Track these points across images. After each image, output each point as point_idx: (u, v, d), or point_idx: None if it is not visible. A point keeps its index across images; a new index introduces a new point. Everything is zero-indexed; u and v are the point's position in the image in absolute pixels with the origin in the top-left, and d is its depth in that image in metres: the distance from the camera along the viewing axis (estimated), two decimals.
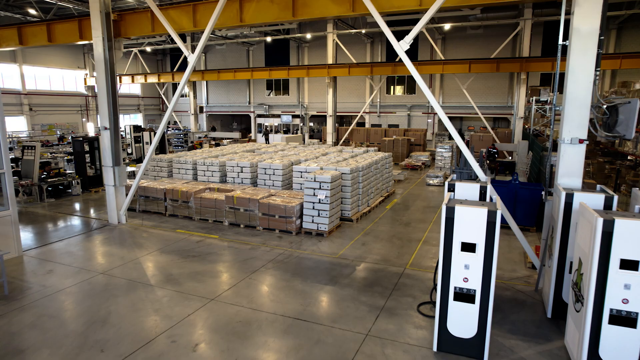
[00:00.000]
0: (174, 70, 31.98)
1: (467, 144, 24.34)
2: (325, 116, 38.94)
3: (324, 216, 10.67)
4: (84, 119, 35.19)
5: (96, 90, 18.40)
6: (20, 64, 30.50)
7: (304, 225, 10.96)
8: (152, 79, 31.59)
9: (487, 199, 6.34)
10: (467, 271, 5.28)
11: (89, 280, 8.09)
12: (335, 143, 26.92)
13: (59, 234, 11.00)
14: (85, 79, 35.00)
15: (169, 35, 31.70)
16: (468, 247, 5.25)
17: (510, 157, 22.20)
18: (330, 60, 25.56)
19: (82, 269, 8.62)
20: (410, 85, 32.97)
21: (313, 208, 10.76)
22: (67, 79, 34.19)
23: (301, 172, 12.55)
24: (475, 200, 5.93)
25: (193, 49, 35.98)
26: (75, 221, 12.28)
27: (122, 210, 11.85)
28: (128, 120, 39.88)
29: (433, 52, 30.94)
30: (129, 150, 24.35)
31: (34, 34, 12.66)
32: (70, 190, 16.05)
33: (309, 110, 36.38)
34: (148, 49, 37.86)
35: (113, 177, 11.61)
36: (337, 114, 30.08)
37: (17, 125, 30.90)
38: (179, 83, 38.24)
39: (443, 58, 24.01)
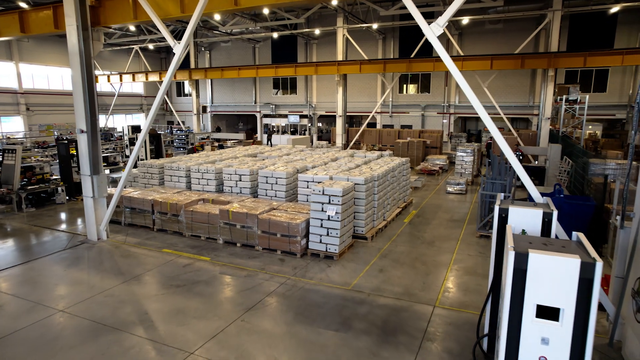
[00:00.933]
0: (167, 64, 30.63)
1: (489, 146, 22.57)
2: (334, 116, 37.30)
3: (333, 235, 9.04)
4: None
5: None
6: (16, 61, 29.28)
7: (310, 245, 9.35)
8: (154, 78, 30.20)
9: (553, 233, 4.67)
10: (545, 347, 3.62)
11: (43, 321, 6.54)
12: (345, 145, 25.29)
13: (27, 254, 9.50)
14: None
15: (172, 30, 30.03)
16: (548, 313, 3.58)
17: (536, 162, 20.37)
18: (340, 57, 23.94)
19: (38, 304, 7.08)
20: (424, 84, 31.18)
21: (321, 226, 9.14)
22: (67, 78, 32.93)
23: (308, 181, 10.93)
24: (559, 241, 4.23)
25: (199, 46, 34.63)
26: (51, 237, 10.78)
27: (102, 225, 10.34)
28: (130, 121, 38.59)
29: (449, 48, 29.13)
30: (127, 152, 22.98)
31: (6, 25, 11.18)
32: (54, 198, 14.60)
33: (317, 110, 34.77)
34: (150, 46, 36.50)
35: (91, 188, 10.09)
36: (347, 114, 28.53)
37: (14, 125, 29.69)
38: (182, 82, 36.84)
39: (462, 54, 22.28)
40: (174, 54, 8.86)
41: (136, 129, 25.06)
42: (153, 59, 39.62)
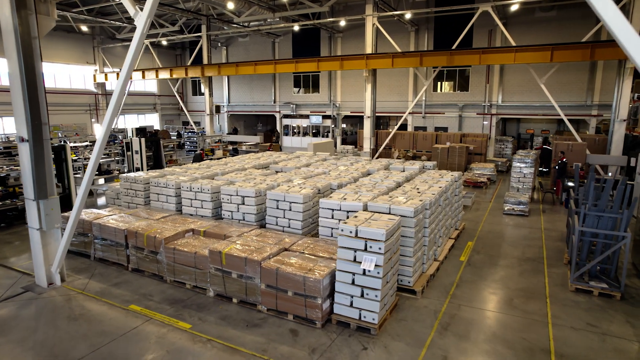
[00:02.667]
0: (188, 63, 28.13)
1: (546, 154, 19.12)
2: (360, 117, 34.22)
3: (371, 298, 6.07)
4: (93, 120, 31.91)
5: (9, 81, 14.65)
6: None
7: (336, 309, 6.39)
8: (164, 75, 27.80)
9: None
10: None
11: None
12: (374, 150, 22.21)
13: None
14: (94, 75, 31.67)
15: (186, 24, 27.97)
16: None
17: (609, 174, 16.82)
18: (369, 50, 20.88)
19: None
20: (462, 81, 27.77)
21: (353, 283, 6.18)
22: (75, 76, 30.93)
23: (333, 209, 7.96)
24: None
25: (215, 42, 32.05)
26: None
27: (54, 266, 7.64)
28: (143, 121, 36.48)
29: (492, 39, 25.70)
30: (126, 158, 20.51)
31: None
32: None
33: (341, 110, 31.76)
34: (164, 41, 34.22)
35: (38, 217, 7.39)
36: (376, 114, 25.28)
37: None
38: (196, 78, 34.46)
39: (514, 44, 18.86)
40: (137, 26, 6.06)
41: (141, 131, 22.67)
42: (167, 56, 37.39)
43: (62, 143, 14.31)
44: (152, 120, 37.32)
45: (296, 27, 29.07)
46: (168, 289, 7.64)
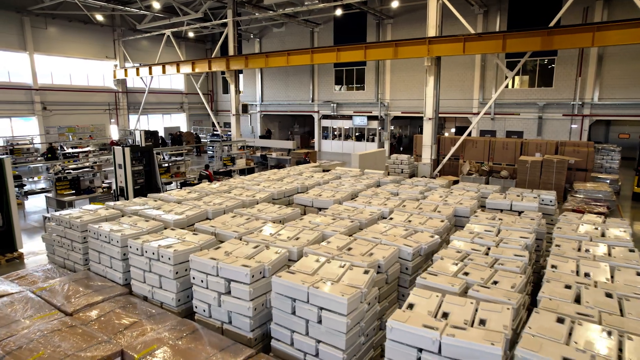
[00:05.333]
0: (212, 56, 24.38)
1: None
2: (412, 118, 29.33)
3: None
4: (112, 120, 28.88)
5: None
6: (30, 52, 24.55)
7: None
8: (186, 69, 24.14)
9: None
10: None
11: None
12: (435, 161, 17.38)
13: None
14: (114, 71, 28.61)
15: (214, 13, 23.91)
16: None
17: None
18: (432, 32, 16.09)
19: None
20: (543, 75, 22.32)
21: None
22: (93, 72, 27.96)
23: (421, 351, 3.41)
24: None
25: (247, 33, 28.09)
26: None
27: None
28: (169, 122, 33.27)
29: (587, 16, 20.13)
30: (121, 174, 16.76)
31: None
32: None
33: (390, 109, 27.00)
34: (190, 33, 30.80)
35: None
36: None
37: (28, 128, 25.05)
38: (221, 72, 30.87)
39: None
40: None
41: (151, 135, 18.95)
42: (195, 50, 33.98)
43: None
44: (179, 121, 34.05)
45: (338, 12, 24.70)
46: None
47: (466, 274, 4.26)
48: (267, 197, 8.00)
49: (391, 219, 6.49)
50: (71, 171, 12.17)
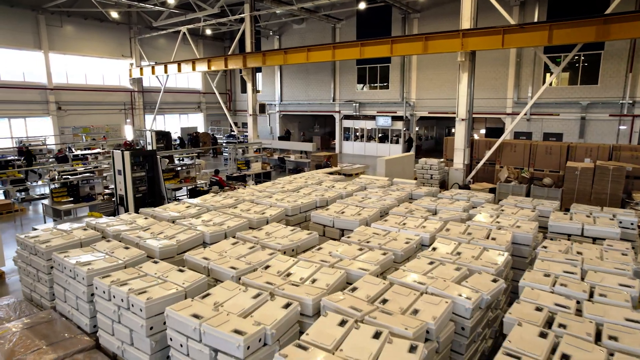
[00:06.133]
0: (229, 53, 23.27)
1: None
2: (439, 119, 27.67)
3: None
4: (127, 120, 28.16)
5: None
6: (45, 50, 23.95)
7: None
8: (202, 67, 23.12)
9: None
10: None
11: None
12: (468, 167, 15.80)
13: None
14: (130, 70, 27.88)
15: (232, 10, 22.83)
16: None
17: None
18: (466, 24, 14.52)
19: None
20: (587, 71, 20.37)
21: None
22: (108, 71, 27.27)
23: None
24: None
25: (266, 30, 26.86)
26: None
27: None
28: (186, 122, 32.44)
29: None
30: (120, 180, 15.73)
31: None
32: None
33: (416, 109, 25.40)
34: (208, 30, 29.86)
35: None
36: (455, 114, 18.21)
37: (42, 128, 24.49)
38: (239, 71, 29.88)
39: None
40: None
41: (163, 136, 17.96)
42: (213, 48, 33.04)
43: None
44: (196, 121, 33.18)
45: (362, 6, 23.27)
46: None
47: (566, 358, 2.83)
48: (279, 214, 6.68)
49: (434, 249, 5.08)
50: (69, 177, 11.12)
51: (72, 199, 10.93)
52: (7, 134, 23.23)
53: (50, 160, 19.98)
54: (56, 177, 10.71)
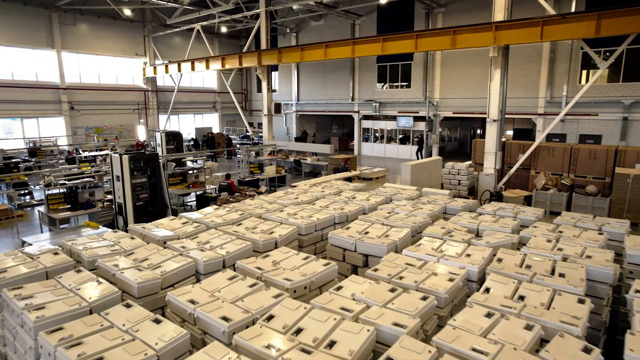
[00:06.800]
0: (243, 50, 22.36)
1: None
2: (463, 118, 26.25)
3: None
4: (141, 120, 27.55)
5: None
6: (58, 49, 23.46)
7: None
8: (216, 65, 22.27)
9: None
10: None
11: None
12: (500, 172, 14.49)
13: None
14: (144, 68, 27.26)
15: (248, 6, 21.76)
16: None
17: None
18: (499, 16, 13.21)
19: None
20: (631, 67, 18.72)
21: None
22: (122, 70, 26.69)
23: None
24: None
25: (282, 27, 25.88)
26: None
27: None
28: (200, 122, 31.73)
29: None
30: (119, 185, 14.87)
31: None
32: None
33: (440, 109, 24.05)
34: (223, 28, 29.06)
35: None
36: (482, 115, 16.54)
37: (54, 128, 24.03)
38: (252, 68, 29.07)
39: None
40: None
41: (174, 137, 17.13)
42: (229, 47, 32.23)
43: None
44: (212, 121, 32.45)
45: (383, 0, 22.05)
46: None
47: None
48: (290, 234, 5.60)
49: (487, 289, 3.93)
50: (66, 182, 10.29)
51: (69, 206, 10.08)
52: (20, 134, 22.82)
53: (61, 161, 19.38)
54: (52, 182, 9.86)
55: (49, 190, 9.85)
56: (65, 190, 10.01)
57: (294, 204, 7.11)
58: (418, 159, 25.14)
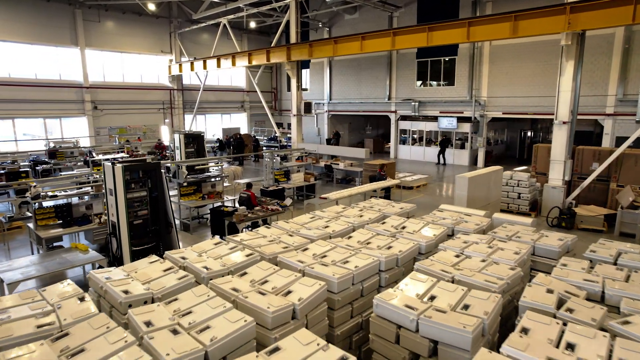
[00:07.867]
0: (272, 45, 20.68)
1: None
2: (512, 120, 23.67)
3: None
4: (166, 120, 26.43)
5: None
6: (82, 47, 22.56)
7: None
8: (242, 61, 20.74)
9: None
10: None
11: None
12: (568, 184, 12.13)
13: None
14: (169, 66, 26.12)
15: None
16: None
17: None
18: None
19: None
20: None
21: None
22: (147, 68, 25.63)
23: None
24: None
25: (315, 21, 24.10)
26: None
27: None
28: (228, 122, 30.40)
29: None
30: (112, 197, 13.32)
31: None
32: None
33: (488, 109, 21.62)
34: (252, 23, 27.57)
35: None
36: (533, 116, 14.08)
37: (77, 128, 23.18)
38: (283, 65, 27.50)
39: None
40: None
41: (194, 139, 15.55)
42: (258, 43, 30.70)
43: None
44: (239, 122, 31.08)
45: None
46: None
47: None
48: (316, 297, 3.73)
49: None
50: (56, 193, 8.82)
51: (60, 222, 8.61)
52: (42, 134, 22.08)
53: (79, 163, 18.32)
54: (40, 194, 8.42)
55: (35, 203, 8.38)
56: (54, 204, 8.53)
57: (322, 238, 5.25)
58: (439, 162, 22.86)
